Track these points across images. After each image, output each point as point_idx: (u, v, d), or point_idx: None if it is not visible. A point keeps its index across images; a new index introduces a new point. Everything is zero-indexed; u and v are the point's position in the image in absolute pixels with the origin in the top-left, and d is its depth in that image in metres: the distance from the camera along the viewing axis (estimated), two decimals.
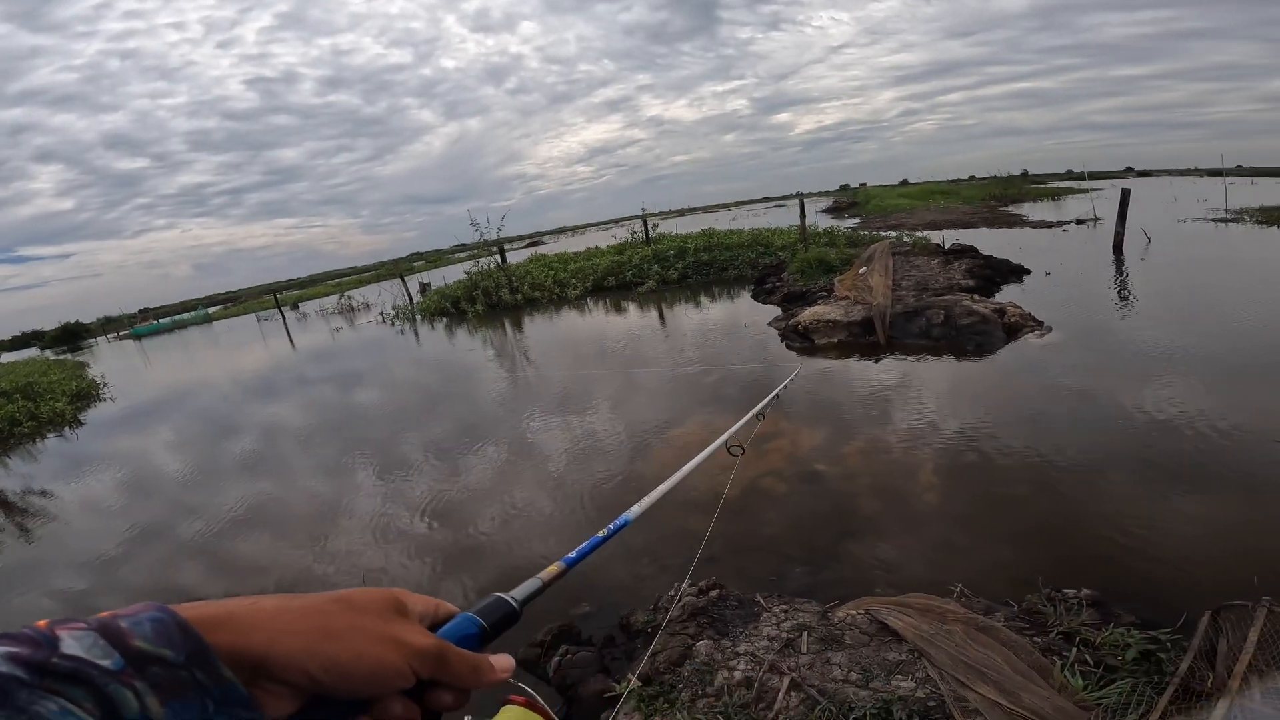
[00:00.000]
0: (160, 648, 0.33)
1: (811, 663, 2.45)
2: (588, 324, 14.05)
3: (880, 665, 2.39)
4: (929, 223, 23.37)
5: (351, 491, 6.26)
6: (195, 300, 75.60)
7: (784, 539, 4.17)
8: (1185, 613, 2.68)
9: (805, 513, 4.50)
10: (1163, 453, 4.60)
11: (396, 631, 0.42)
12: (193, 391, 14.23)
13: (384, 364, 13.34)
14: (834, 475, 5.05)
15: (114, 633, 0.32)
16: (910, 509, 4.40)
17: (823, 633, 2.64)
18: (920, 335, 8.50)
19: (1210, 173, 45.28)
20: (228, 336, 27.79)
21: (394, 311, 21.05)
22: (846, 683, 2.31)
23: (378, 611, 0.43)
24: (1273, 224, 15.93)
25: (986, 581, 3.30)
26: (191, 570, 5.27)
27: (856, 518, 4.38)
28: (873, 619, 2.72)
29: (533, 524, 4.97)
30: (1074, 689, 2.14)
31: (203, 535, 5.88)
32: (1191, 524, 3.73)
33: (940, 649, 2.37)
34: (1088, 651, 2.40)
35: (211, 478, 7.59)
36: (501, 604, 0.53)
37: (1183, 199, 24.04)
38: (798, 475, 5.07)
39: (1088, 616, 2.72)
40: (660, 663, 2.53)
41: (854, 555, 3.91)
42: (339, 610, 0.41)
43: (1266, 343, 6.73)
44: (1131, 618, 2.74)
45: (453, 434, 7.43)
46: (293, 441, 8.51)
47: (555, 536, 4.69)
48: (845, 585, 3.51)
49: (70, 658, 0.30)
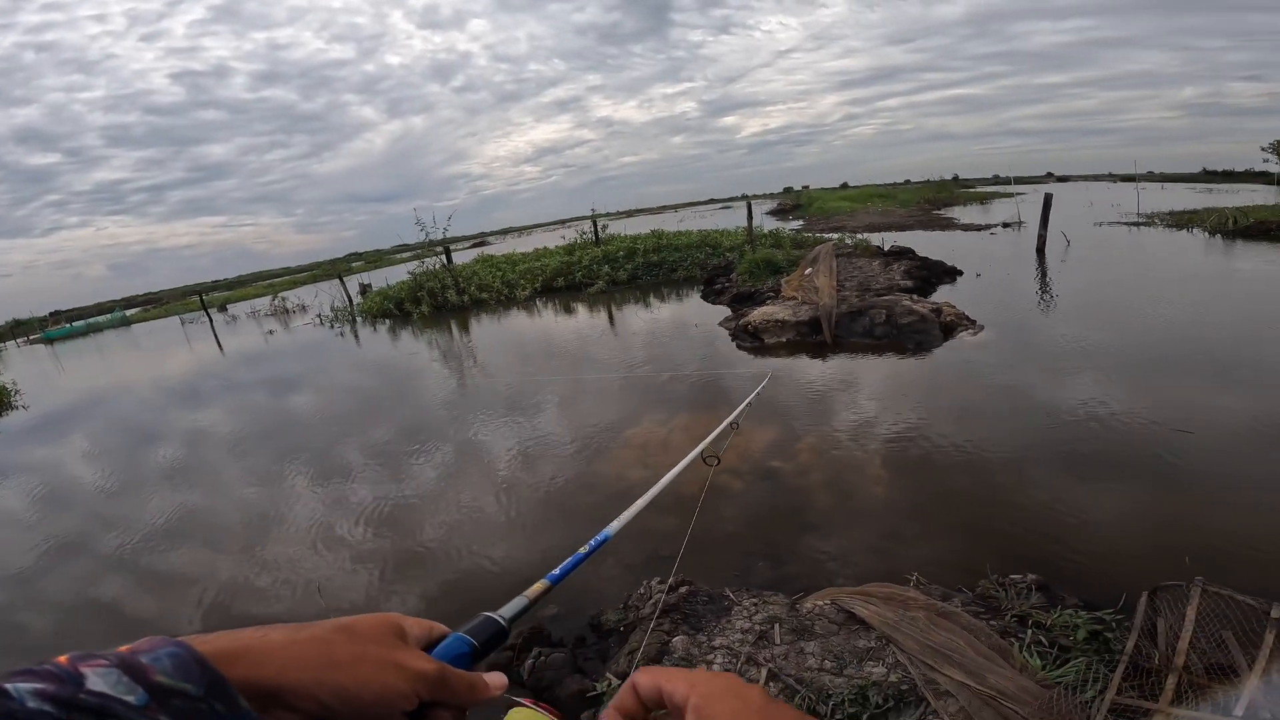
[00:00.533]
0: (180, 682, 0.34)
1: (786, 653, 2.50)
2: (537, 325, 13.90)
3: (851, 653, 2.46)
4: (869, 225, 24.24)
5: (289, 500, 6.00)
6: (112, 302, 70.69)
7: (745, 535, 4.24)
8: (1125, 594, 2.87)
9: (764, 509, 4.59)
10: (1086, 444, 4.93)
11: (399, 657, 0.44)
12: (113, 398, 13.32)
13: (322, 368, 12.81)
14: (789, 472, 5.16)
15: (135, 668, 0.34)
16: (862, 502, 4.55)
17: (793, 623, 2.70)
18: (864, 334, 8.79)
19: (1124, 178, 48.62)
20: (149, 340, 26.13)
21: (333, 313, 20.24)
22: (822, 671, 2.37)
23: (379, 638, 0.45)
24: (1181, 227, 17.26)
25: (937, 569, 3.45)
26: (115, 584, 4.98)
27: (813, 512, 4.50)
28: (839, 608, 2.79)
29: (481, 531, 4.88)
30: (1034, 669, 2.26)
31: (126, 549, 5.54)
32: (1116, 510, 4.01)
33: (906, 635, 2.46)
34: (1041, 633, 2.54)
35: (135, 488, 7.14)
36: (491, 623, 0.55)
37: (1099, 204, 25.70)
38: (754, 473, 5.16)
39: (1037, 600, 2.87)
40: (638, 660, 2.52)
41: (813, 548, 4.01)
42: (343, 640, 0.43)
43: (1172, 339, 7.31)
44: (1076, 600, 2.91)
45: (397, 439, 7.20)
46: (223, 450, 8.07)
47: (505, 543, 4.63)
48: (808, 577, 3.60)
49: (97, 694, 0.32)
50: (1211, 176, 53.07)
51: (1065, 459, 4.74)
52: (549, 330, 13.08)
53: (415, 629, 0.49)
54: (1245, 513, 3.79)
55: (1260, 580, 2.82)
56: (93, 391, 14.71)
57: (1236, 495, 4.00)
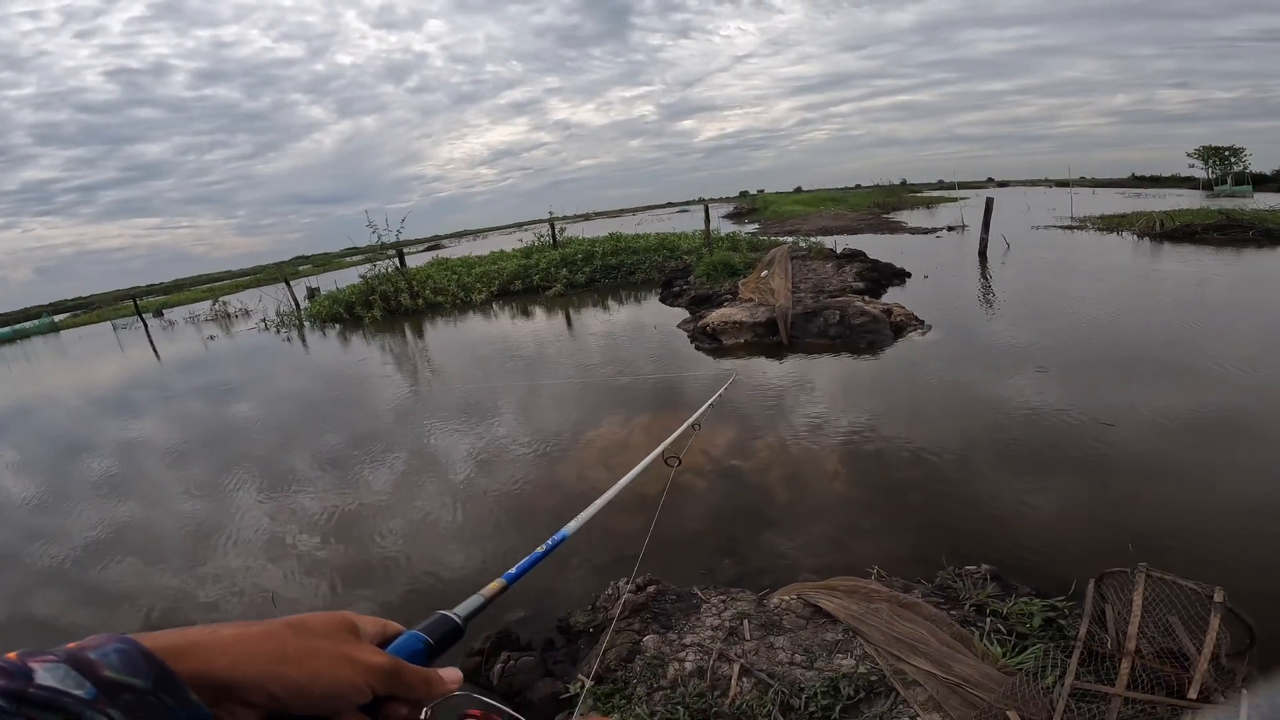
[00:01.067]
0: (128, 676, 0.34)
1: (756, 648, 2.51)
2: (494, 329, 13.69)
3: (820, 646, 2.49)
4: (822, 228, 24.82)
5: (232, 511, 5.73)
6: (39, 307, 66.69)
7: (708, 533, 4.26)
8: (1074, 581, 2.98)
9: (726, 507, 4.62)
10: (1027, 437, 5.16)
11: (351, 651, 0.45)
12: (42, 408, 12.54)
13: (267, 374, 12.31)
14: (748, 470, 5.22)
15: (84, 663, 0.34)
16: (821, 498, 4.64)
17: (762, 619, 2.72)
18: (819, 334, 8.97)
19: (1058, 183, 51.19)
20: (79, 347, 24.70)
21: (278, 318, 19.51)
22: (793, 665, 2.39)
23: (330, 633, 0.45)
24: (1112, 230, 18.24)
25: (896, 562, 3.53)
26: (48, 599, 4.72)
27: (774, 508, 4.56)
28: (806, 603, 2.82)
29: (437, 536, 4.78)
30: (995, 656, 2.33)
31: (58, 561, 5.24)
32: (1058, 499, 4.19)
33: (872, 627, 2.50)
34: (999, 622, 2.62)
35: (67, 500, 6.72)
36: (445, 620, 0.55)
37: (1035, 208, 26.96)
38: (715, 471, 5.19)
39: (992, 589, 2.96)
40: (610, 660, 2.49)
41: (774, 544, 4.05)
42: (293, 634, 0.43)
43: (1102, 338, 7.71)
44: (1028, 588, 3.02)
45: (347, 447, 6.96)
46: (161, 460, 7.67)
47: (461, 549, 4.54)
48: (772, 573, 3.64)
49: (46, 688, 0.32)
50: (1140, 181, 56.46)
51: (1008, 451, 4.95)
52: (506, 334, 12.90)
53: (369, 626, 0.50)
54: (1177, 499, 4.01)
55: (1196, 564, 2.99)
56: (20, 400, 13.83)
57: (1167, 483, 4.23)
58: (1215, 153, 48.64)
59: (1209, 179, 42.40)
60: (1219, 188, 36.52)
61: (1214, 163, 48.15)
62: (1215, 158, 48.56)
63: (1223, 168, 46.43)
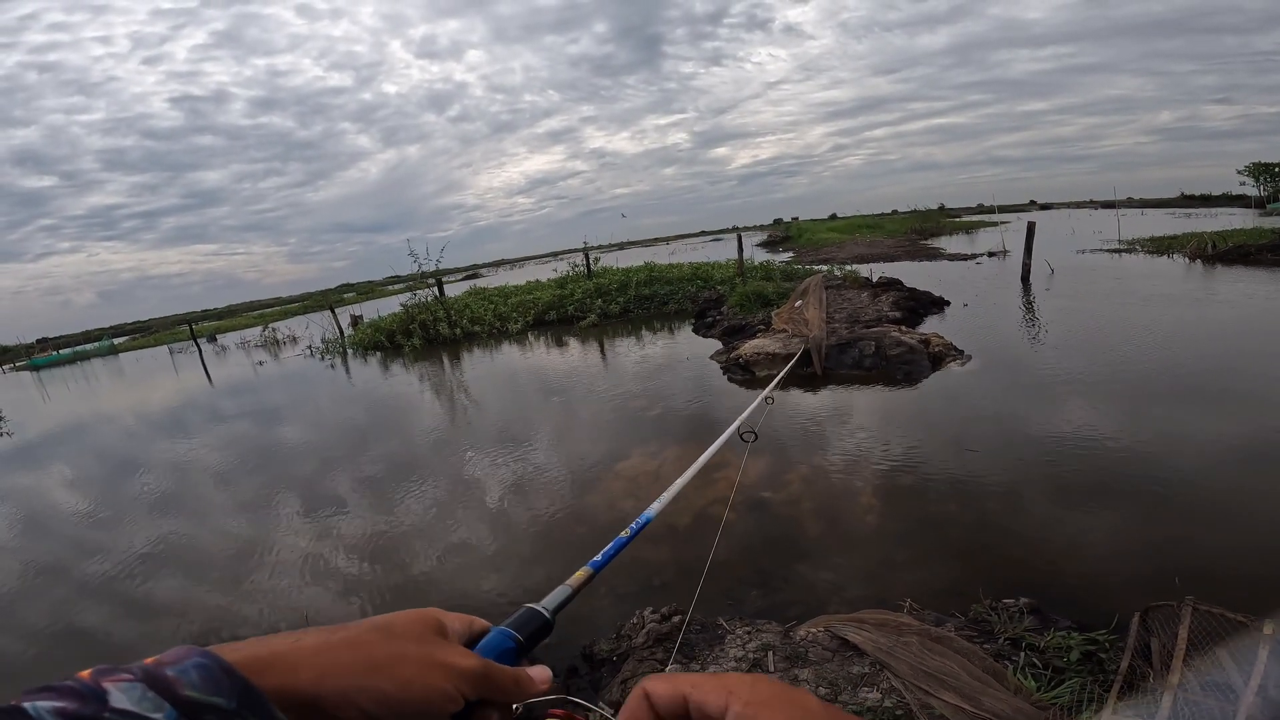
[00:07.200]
0: (211, 696, 0.32)
1: (780, 680, 2.47)
2: (530, 359, 13.90)
3: (846, 679, 2.45)
4: (857, 256, 24.61)
5: (277, 530, 5.92)
6: (100, 330, 70.27)
7: (736, 564, 4.22)
8: (1116, 615, 2.87)
9: (755, 538, 4.58)
10: (1072, 469, 5.00)
11: (441, 655, 0.42)
12: (99, 426, 13.19)
13: (312, 399, 12.74)
14: (779, 501, 5.16)
15: (161, 682, 0.32)
16: (854, 530, 4.55)
17: (787, 651, 2.69)
18: (854, 365, 8.86)
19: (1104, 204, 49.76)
20: (136, 369, 25.94)
21: (323, 345, 20.20)
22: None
23: (419, 636, 0.43)
24: (1162, 253, 17.57)
25: (930, 595, 3.44)
26: (97, 612, 4.91)
27: (804, 540, 4.50)
28: (833, 635, 2.78)
29: (477, 562, 4.84)
30: (1029, 690, 2.26)
31: (109, 576, 5.48)
32: (1104, 533, 4.04)
33: (900, 660, 2.45)
34: (1035, 655, 2.54)
35: (120, 516, 7.05)
36: (534, 615, 0.53)
37: (1080, 231, 26.23)
38: (744, 502, 5.15)
39: (1029, 623, 2.87)
40: (631, 689, 2.49)
41: (804, 576, 3.99)
42: (381, 639, 0.41)
43: (1156, 366, 7.41)
44: (1068, 622, 2.92)
45: (387, 472, 7.15)
46: (210, 480, 7.97)
47: (498, 574, 4.58)
48: (800, 605, 3.59)
49: (121, 712, 0.30)
50: (1190, 201, 54.46)
51: (1052, 484, 4.79)
52: (541, 364, 13.09)
53: (455, 624, 0.47)
54: (1229, 533, 3.83)
55: (1248, 598, 2.85)
56: (79, 420, 14.55)
57: (1220, 516, 4.04)
58: (1266, 169, 46.77)
59: (1260, 196, 40.80)
60: (1271, 205, 35.11)
61: (1265, 180, 46.31)
62: (1266, 174, 46.72)
63: (1274, 184, 44.68)
